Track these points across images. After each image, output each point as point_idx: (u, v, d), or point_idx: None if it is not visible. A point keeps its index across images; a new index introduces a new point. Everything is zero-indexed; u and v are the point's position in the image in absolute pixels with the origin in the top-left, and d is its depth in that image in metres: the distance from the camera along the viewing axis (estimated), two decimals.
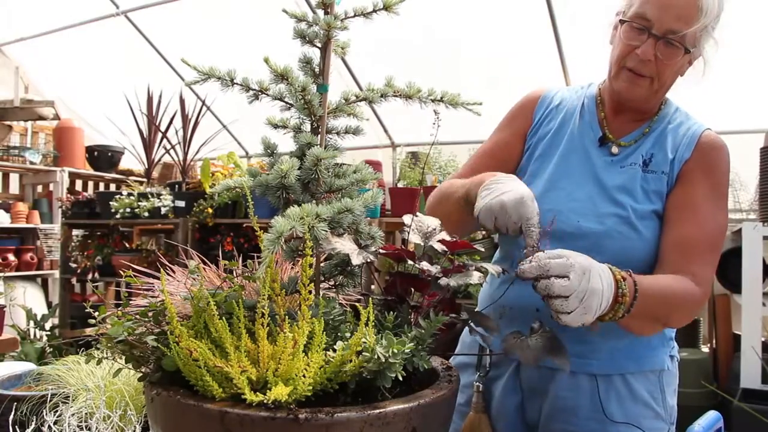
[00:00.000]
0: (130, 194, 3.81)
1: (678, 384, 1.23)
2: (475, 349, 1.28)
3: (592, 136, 1.22)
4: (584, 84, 1.33)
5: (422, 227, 0.98)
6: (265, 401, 0.65)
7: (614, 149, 1.19)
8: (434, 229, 0.97)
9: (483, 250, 1.01)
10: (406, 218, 1.00)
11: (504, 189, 0.99)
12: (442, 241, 0.94)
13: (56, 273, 4.63)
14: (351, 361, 0.70)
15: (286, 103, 0.90)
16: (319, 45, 0.90)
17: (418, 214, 1.00)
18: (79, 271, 4.08)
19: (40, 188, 5.12)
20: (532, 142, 1.27)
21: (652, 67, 1.11)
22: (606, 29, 1.21)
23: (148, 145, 4.24)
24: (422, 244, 0.94)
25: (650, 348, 1.18)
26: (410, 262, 0.89)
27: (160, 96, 4.20)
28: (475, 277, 0.90)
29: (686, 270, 1.07)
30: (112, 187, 5.09)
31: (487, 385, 1.22)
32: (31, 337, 3.65)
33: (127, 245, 4.23)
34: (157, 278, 0.97)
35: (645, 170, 1.16)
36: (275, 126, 0.92)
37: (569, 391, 1.14)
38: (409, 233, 0.95)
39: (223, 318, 0.74)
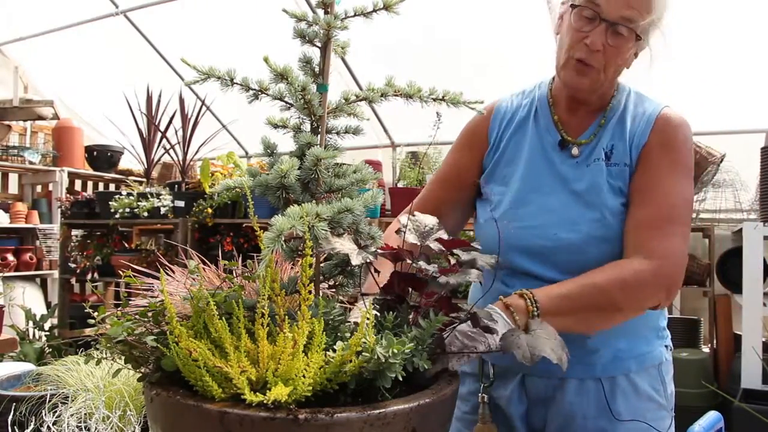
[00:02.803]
0: (129, 194, 3.80)
1: (676, 379, 1.25)
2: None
3: (551, 140, 1.19)
4: (534, 84, 1.29)
5: (419, 227, 0.97)
6: (264, 401, 0.64)
7: (575, 150, 1.16)
8: (431, 229, 0.97)
9: (480, 248, 1.01)
10: (402, 218, 0.99)
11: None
12: (439, 240, 0.94)
13: (55, 273, 4.62)
14: (351, 361, 0.70)
15: (286, 102, 0.90)
16: (319, 44, 0.90)
17: (415, 213, 1.00)
18: (78, 271, 4.08)
19: (39, 188, 5.11)
20: (493, 159, 1.24)
21: (600, 57, 1.08)
22: (553, 19, 1.18)
23: (147, 145, 4.24)
24: (419, 243, 0.94)
25: (648, 344, 1.19)
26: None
27: (160, 96, 4.20)
28: (474, 275, 0.90)
29: (641, 247, 1.06)
30: (112, 187, 5.09)
31: (491, 395, 1.20)
32: (30, 337, 3.64)
33: (126, 245, 4.23)
34: (157, 278, 0.97)
35: (608, 164, 1.14)
36: (275, 126, 0.92)
37: (577, 398, 1.15)
38: (405, 233, 0.95)
39: (223, 318, 0.74)
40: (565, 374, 1.12)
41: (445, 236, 0.96)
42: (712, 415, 1.11)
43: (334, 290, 0.94)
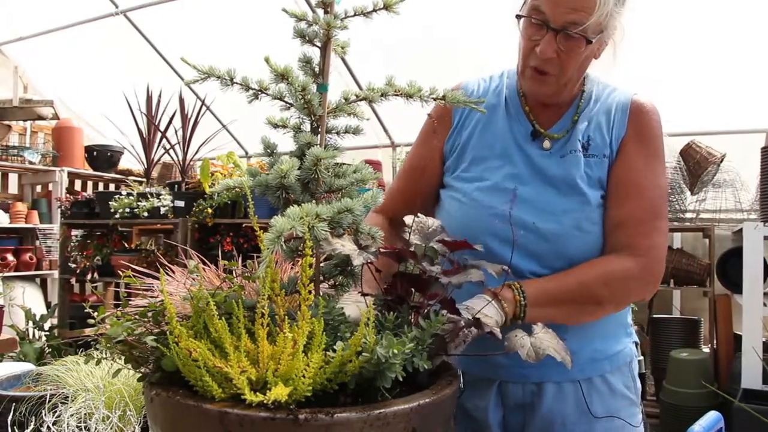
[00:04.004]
0: (129, 194, 3.80)
1: (676, 379, 1.26)
2: None
3: (522, 130, 1.17)
4: (500, 72, 1.25)
5: (423, 228, 0.98)
6: (264, 401, 0.64)
7: (546, 143, 1.15)
8: (435, 230, 0.97)
9: (482, 249, 1.01)
10: (407, 219, 1.00)
11: None
12: (442, 241, 0.94)
13: (55, 273, 4.62)
14: (351, 361, 0.70)
15: (286, 102, 0.90)
16: (318, 44, 0.90)
17: (419, 214, 1.00)
18: (78, 271, 4.08)
19: (39, 188, 5.11)
20: (459, 143, 1.21)
21: (556, 63, 1.06)
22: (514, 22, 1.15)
23: (147, 145, 4.23)
24: (423, 244, 0.94)
25: (619, 343, 1.20)
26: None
27: (160, 96, 4.20)
28: (476, 275, 0.90)
29: (625, 244, 1.08)
30: (112, 187, 5.09)
31: (464, 405, 1.19)
32: (30, 337, 3.64)
33: (126, 245, 4.22)
34: (157, 278, 0.97)
35: (586, 155, 1.13)
36: (275, 126, 0.92)
37: (555, 402, 1.14)
38: (410, 234, 0.95)
39: (223, 318, 0.74)
40: (543, 378, 1.13)
41: (447, 238, 0.96)
42: (712, 415, 1.11)
43: (334, 290, 0.94)
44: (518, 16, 1.08)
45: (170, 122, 4.11)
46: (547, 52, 1.04)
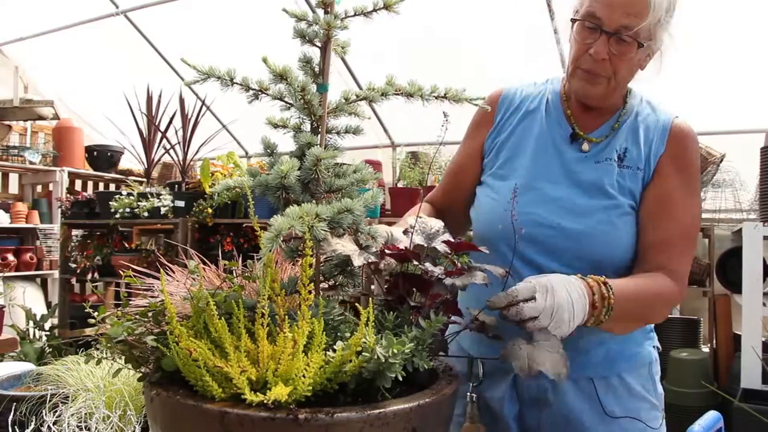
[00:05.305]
0: (129, 194, 3.80)
1: (676, 379, 1.26)
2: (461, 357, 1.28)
3: (561, 133, 1.20)
4: (545, 79, 1.31)
5: (425, 228, 0.98)
6: (264, 401, 0.65)
7: (585, 146, 1.18)
8: (437, 231, 0.97)
9: (487, 252, 1.01)
10: (410, 219, 0.99)
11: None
12: (445, 242, 0.94)
13: (56, 273, 4.62)
14: (351, 361, 0.70)
15: (286, 102, 0.90)
16: (318, 44, 0.90)
17: (421, 215, 1.00)
18: (78, 271, 4.07)
19: (39, 188, 5.11)
20: (497, 143, 1.25)
21: (607, 65, 1.10)
22: (566, 27, 1.19)
23: (147, 145, 4.23)
24: (425, 245, 0.94)
25: (638, 345, 1.21)
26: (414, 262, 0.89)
27: (160, 96, 4.20)
28: (479, 277, 0.90)
29: (663, 266, 1.09)
30: (112, 187, 5.09)
31: (482, 395, 1.20)
32: (31, 337, 3.64)
33: (126, 245, 4.22)
34: (157, 278, 0.97)
35: (620, 165, 1.16)
36: (275, 126, 0.92)
37: (571, 398, 1.15)
38: (412, 234, 0.95)
39: (223, 318, 0.74)
40: None
41: (450, 238, 0.96)
42: (711, 415, 1.11)
43: (333, 290, 0.94)
44: (573, 20, 1.12)
45: (170, 122, 4.10)
46: (601, 53, 1.08)
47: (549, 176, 1.17)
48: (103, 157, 5.04)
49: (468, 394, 1.13)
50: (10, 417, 1.08)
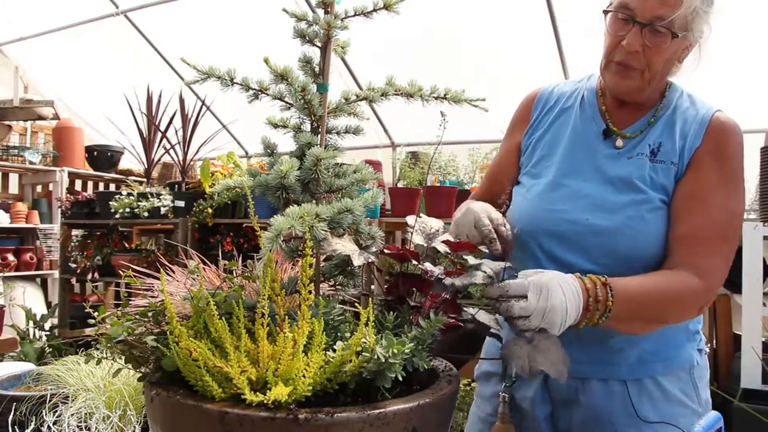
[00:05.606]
0: (129, 194, 3.80)
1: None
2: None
3: (595, 129, 1.18)
4: (584, 76, 1.29)
5: (425, 228, 0.98)
6: (264, 401, 0.65)
7: (619, 142, 1.15)
8: (437, 231, 0.97)
9: (487, 251, 1.01)
10: (410, 219, 1.00)
11: (459, 212, 1.11)
12: (445, 242, 0.94)
13: (56, 273, 4.62)
14: (351, 361, 0.70)
15: (286, 102, 0.90)
16: (319, 44, 0.90)
17: (421, 215, 1.00)
18: (78, 271, 4.08)
19: (39, 188, 5.11)
20: (531, 141, 1.25)
21: (641, 57, 1.07)
22: (600, 22, 1.17)
23: (147, 145, 4.23)
24: (425, 245, 0.94)
25: (677, 347, 1.16)
26: (414, 262, 0.89)
27: (160, 96, 4.20)
28: (479, 276, 0.90)
29: (689, 262, 1.05)
30: (112, 187, 5.09)
31: (514, 395, 1.19)
32: (31, 337, 3.64)
33: (126, 245, 4.22)
34: (157, 278, 0.97)
35: (653, 160, 1.12)
36: (275, 126, 0.92)
37: (602, 399, 1.12)
38: (412, 234, 0.95)
39: (223, 318, 0.74)
40: (586, 374, 1.11)
41: (450, 238, 0.96)
42: (711, 415, 1.10)
43: (334, 290, 0.94)
44: (605, 12, 1.10)
45: (170, 122, 4.11)
46: (634, 45, 1.06)
47: (580, 173, 1.15)
48: (103, 157, 5.04)
49: (501, 394, 1.13)
50: (10, 417, 1.08)
